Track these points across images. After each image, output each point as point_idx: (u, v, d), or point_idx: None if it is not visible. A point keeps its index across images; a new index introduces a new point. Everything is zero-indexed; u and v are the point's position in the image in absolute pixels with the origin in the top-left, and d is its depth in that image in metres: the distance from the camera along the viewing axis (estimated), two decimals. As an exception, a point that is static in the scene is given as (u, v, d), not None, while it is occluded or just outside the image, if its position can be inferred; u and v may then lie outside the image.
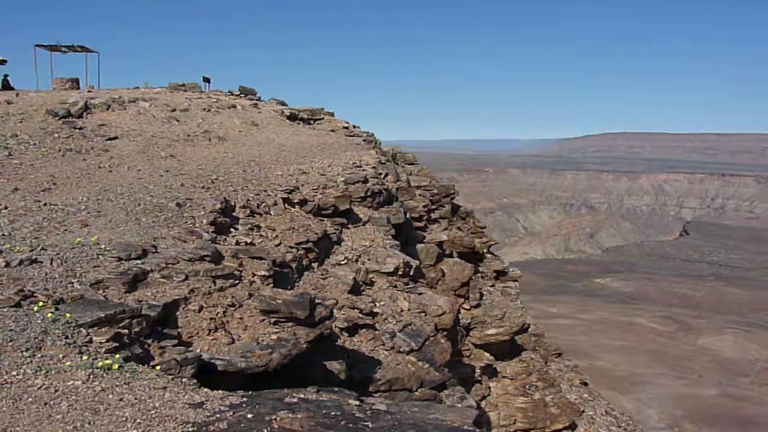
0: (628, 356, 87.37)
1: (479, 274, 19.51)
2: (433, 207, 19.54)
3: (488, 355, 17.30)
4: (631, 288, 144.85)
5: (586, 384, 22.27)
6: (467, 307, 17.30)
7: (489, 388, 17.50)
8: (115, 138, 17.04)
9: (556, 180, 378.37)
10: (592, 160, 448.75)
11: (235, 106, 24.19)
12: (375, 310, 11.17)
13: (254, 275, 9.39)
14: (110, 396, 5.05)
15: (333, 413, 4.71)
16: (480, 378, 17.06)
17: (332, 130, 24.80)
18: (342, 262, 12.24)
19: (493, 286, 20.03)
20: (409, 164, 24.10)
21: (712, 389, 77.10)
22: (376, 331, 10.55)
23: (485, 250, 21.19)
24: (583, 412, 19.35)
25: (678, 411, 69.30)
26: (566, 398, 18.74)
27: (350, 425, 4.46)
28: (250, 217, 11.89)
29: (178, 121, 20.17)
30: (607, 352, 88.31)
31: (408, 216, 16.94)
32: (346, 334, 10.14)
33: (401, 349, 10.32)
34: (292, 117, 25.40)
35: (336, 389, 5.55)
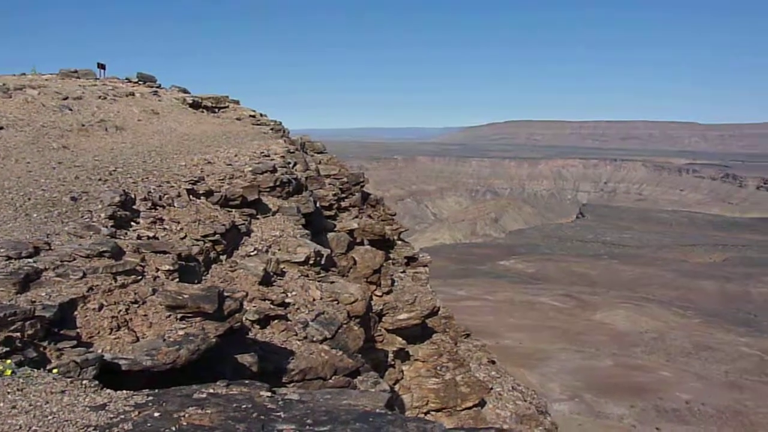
0: (532, 333, 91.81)
1: (390, 261, 19.78)
2: (343, 195, 19.57)
3: (400, 339, 17.62)
4: (534, 269, 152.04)
5: (493, 362, 23.18)
6: (379, 293, 17.51)
7: (402, 371, 17.85)
8: (0, 128, 15.78)
9: (462, 167, 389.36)
10: (495, 148, 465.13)
11: (133, 94, 23.05)
12: (287, 300, 11.07)
13: (158, 270, 9.04)
14: (1, 404, 4.72)
15: (244, 406, 4.64)
16: (393, 362, 17.37)
17: (238, 119, 24.20)
18: (252, 254, 12.03)
19: (404, 272, 20.38)
20: (318, 153, 23.95)
21: (607, 360, 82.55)
22: (289, 322, 10.47)
23: (396, 237, 21.49)
24: (492, 389, 20.14)
25: (578, 382, 73.71)
26: (475, 377, 19.44)
27: (262, 417, 4.42)
28: (152, 210, 11.41)
29: (71, 110, 18.96)
30: (512, 331, 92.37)
31: (318, 205, 16.88)
32: (258, 326, 10.00)
33: (314, 339, 10.31)
34: (196, 105, 24.55)
35: (247, 382, 5.47)
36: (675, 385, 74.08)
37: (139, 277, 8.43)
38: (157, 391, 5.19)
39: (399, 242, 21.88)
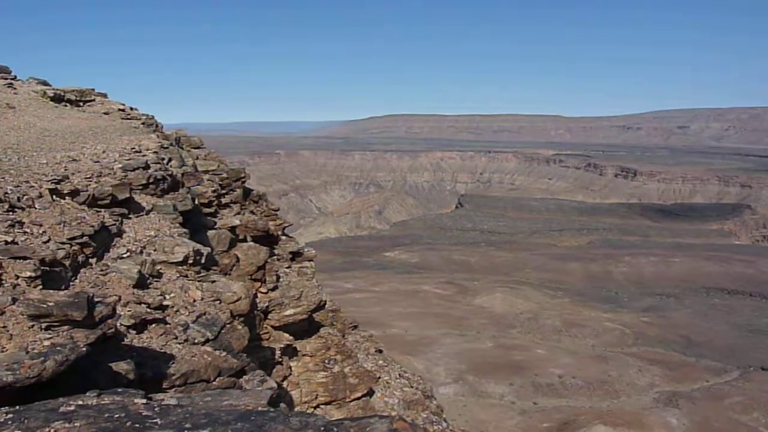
0: (417, 321, 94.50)
1: (275, 257, 19.52)
2: (223, 192, 19.01)
3: (287, 335, 17.47)
4: (417, 258, 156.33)
5: (381, 351, 23.62)
6: (264, 290, 17.23)
7: (290, 367, 17.71)
8: None
9: (345, 160, 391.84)
10: (376, 141, 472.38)
11: (-19, 86, 20.97)
12: (165, 303, 10.59)
13: (18, 278, 8.32)
14: None
15: (117, 415, 4.40)
16: (281, 359, 17.18)
17: (106, 113, 22.73)
18: (125, 255, 11.37)
19: (289, 267, 20.18)
20: (195, 148, 23.05)
21: (488, 342, 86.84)
22: (168, 325, 10.03)
23: (280, 233, 21.22)
24: (380, 378, 20.52)
25: (462, 365, 76.94)
26: (363, 367, 19.71)
27: (137, 425, 4.21)
28: (10, 213, 10.45)
29: None
30: (399, 320, 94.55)
31: (196, 202, 16.27)
32: (134, 332, 9.49)
33: (196, 341, 9.96)
34: (58, 98, 22.75)
35: (120, 390, 5.19)
36: (549, 361, 79.44)
37: (-4, 287, 7.71)
38: (18, 407, 4.80)
39: (283, 238, 21.64)
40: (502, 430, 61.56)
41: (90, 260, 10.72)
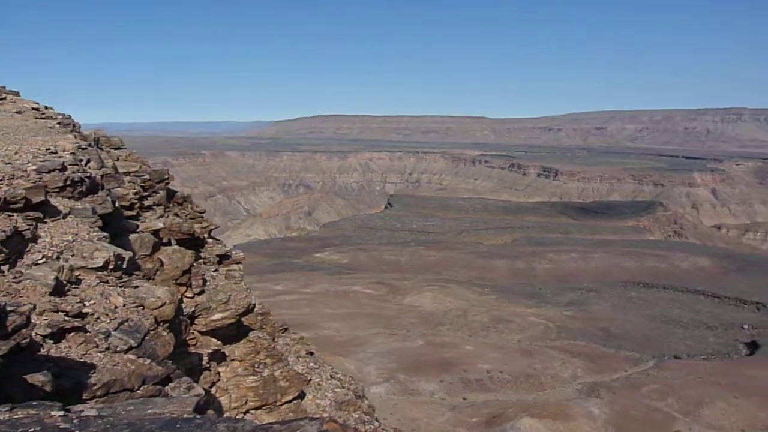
0: (348, 322, 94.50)
1: (201, 260, 19.05)
2: (146, 194, 18.38)
3: (215, 340, 17.08)
4: (347, 259, 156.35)
5: (312, 353, 23.49)
6: (190, 294, 16.79)
7: (218, 373, 17.33)
8: None
9: (273, 161, 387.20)
10: (305, 142, 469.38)
11: None
12: (84, 310, 10.15)
13: None
14: None
15: (32, 430, 4.19)
16: (209, 364, 16.78)
17: (18, 112, 21.52)
18: (40, 262, 10.83)
19: (216, 270, 19.75)
20: (115, 149, 22.17)
21: (418, 340, 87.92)
22: (88, 333, 9.63)
23: (206, 235, 20.74)
24: (311, 380, 20.43)
25: (393, 364, 77.54)
26: (294, 370, 19.56)
27: (55, 439, 4.05)
28: None
29: None
30: (329, 321, 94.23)
31: (117, 205, 15.67)
32: (51, 341, 9.06)
33: (118, 349, 9.61)
34: (-39, 96, 21.35)
35: (35, 403, 4.94)
36: (477, 357, 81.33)
37: None
38: None
39: (210, 240, 21.15)
40: (433, 426, 62.52)
41: (2, 267, 10.15)
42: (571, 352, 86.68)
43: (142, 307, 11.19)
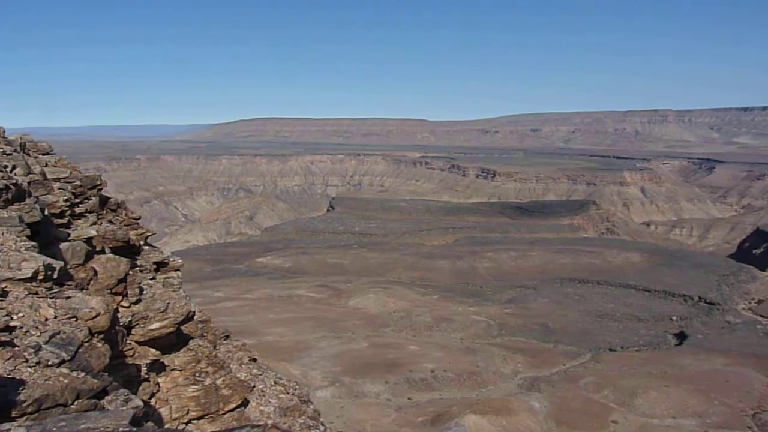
0: (292, 326, 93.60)
1: (137, 268, 18.46)
2: (77, 201, 17.67)
3: (154, 350, 16.59)
4: (290, 263, 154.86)
5: (255, 360, 23.14)
6: (126, 304, 16.24)
7: (158, 383, 16.84)
8: None
9: (212, 165, 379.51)
10: (244, 145, 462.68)
11: None
12: (12, 323, 9.69)
13: None
14: None
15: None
16: (147, 375, 16.29)
17: (-68, 116, 20.34)
18: (-39, 274, 10.29)
19: (153, 278, 19.19)
20: (43, 154, 21.21)
21: (363, 343, 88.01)
22: (16, 348, 9.19)
23: (142, 242, 20.11)
24: (254, 387, 20.12)
25: (338, 367, 77.31)
26: (237, 377, 19.22)
27: (-18, 458, 3.86)
28: None
29: None
30: (273, 326, 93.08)
31: (47, 212, 15.02)
32: (-24, 358, 8.61)
33: (50, 363, 9.22)
34: None
35: (-43, 425, 4.70)
36: (422, 356, 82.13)
37: None
38: None
39: (146, 247, 20.54)
40: (379, 428, 62.69)
41: None
42: (512, 349, 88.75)
43: (75, 319, 10.78)
